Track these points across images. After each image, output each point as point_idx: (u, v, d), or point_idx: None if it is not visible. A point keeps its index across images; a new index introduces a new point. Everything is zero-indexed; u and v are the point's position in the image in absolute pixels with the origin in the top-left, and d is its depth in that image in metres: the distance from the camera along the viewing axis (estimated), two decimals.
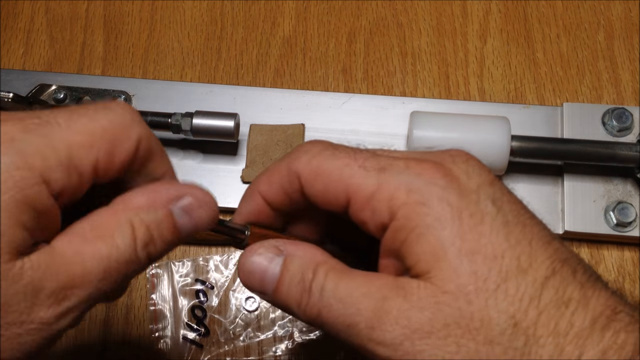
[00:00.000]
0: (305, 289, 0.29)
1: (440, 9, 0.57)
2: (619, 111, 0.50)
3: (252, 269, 0.30)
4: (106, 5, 0.58)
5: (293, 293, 0.29)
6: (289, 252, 0.30)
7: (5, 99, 0.46)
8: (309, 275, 0.29)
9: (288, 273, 0.30)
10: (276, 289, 0.30)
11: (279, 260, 0.30)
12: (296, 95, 0.53)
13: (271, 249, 0.30)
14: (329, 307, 0.28)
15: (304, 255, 0.30)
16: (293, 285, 0.29)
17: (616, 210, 0.48)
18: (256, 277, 0.30)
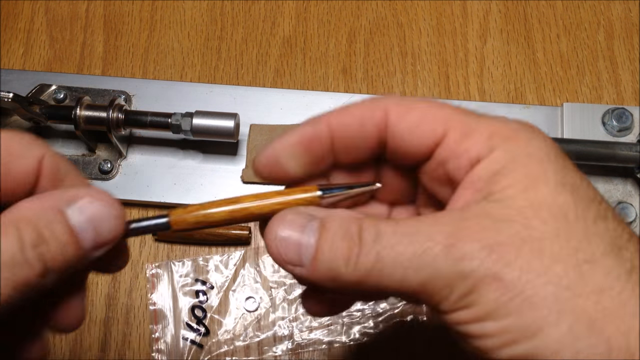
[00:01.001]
0: (354, 240, 0.26)
1: (440, 9, 0.57)
2: (619, 111, 0.50)
3: (285, 235, 0.27)
4: (106, 5, 0.58)
5: (338, 250, 0.26)
6: (322, 215, 0.28)
7: (5, 99, 0.46)
8: (354, 228, 0.26)
9: (328, 232, 0.27)
10: (316, 253, 0.27)
11: (314, 223, 0.27)
12: (296, 95, 0.53)
13: (302, 215, 0.28)
14: (389, 246, 0.25)
15: (342, 215, 0.27)
16: (337, 242, 0.26)
17: (616, 210, 0.48)
18: (291, 244, 0.27)
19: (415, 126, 0.28)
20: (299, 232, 0.27)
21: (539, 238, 0.25)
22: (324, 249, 0.27)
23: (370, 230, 0.26)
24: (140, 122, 0.49)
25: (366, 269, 0.26)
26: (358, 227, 0.26)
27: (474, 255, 0.24)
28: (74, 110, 0.48)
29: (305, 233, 0.27)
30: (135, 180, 0.51)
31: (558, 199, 0.25)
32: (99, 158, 0.52)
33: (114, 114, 0.49)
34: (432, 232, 0.25)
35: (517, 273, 0.24)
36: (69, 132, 0.52)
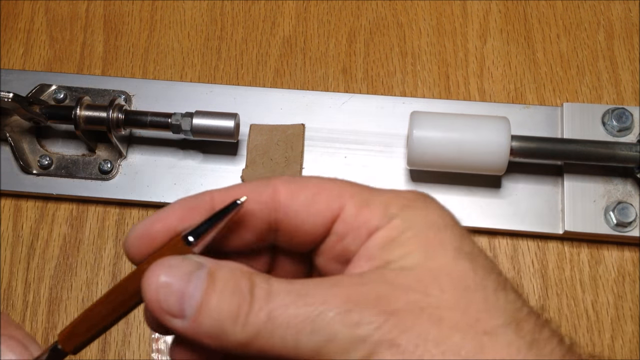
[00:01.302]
0: (244, 296, 0.24)
1: (440, 9, 0.57)
2: (619, 111, 0.50)
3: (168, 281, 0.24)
4: (106, 5, 0.58)
5: (227, 305, 0.24)
6: (211, 265, 0.25)
7: (5, 99, 0.46)
8: (245, 283, 0.24)
9: (217, 283, 0.24)
10: (201, 305, 0.24)
11: (201, 272, 0.24)
12: (296, 95, 0.53)
13: (189, 261, 0.25)
14: (283, 306, 0.24)
15: (231, 266, 0.25)
16: (226, 296, 0.24)
17: (616, 210, 0.48)
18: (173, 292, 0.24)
19: (310, 203, 0.27)
20: (184, 280, 0.24)
21: (438, 306, 0.24)
22: (210, 302, 0.24)
23: (263, 287, 0.24)
24: (140, 122, 0.49)
25: (256, 330, 0.24)
26: (250, 282, 0.24)
27: (371, 320, 0.23)
28: (74, 110, 0.48)
29: (191, 282, 0.24)
30: (135, 180, 0.51)
31: (457, 267, 0.25)
32: (99, 158, 0.52)
33: (114, 114, 0.49)
34: (327, 295, 0.24)
35: (415, 340, 0.23)
36: (69, 132, 0.52)
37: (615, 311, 0.48)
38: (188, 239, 0.26)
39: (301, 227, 0.27)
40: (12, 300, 0.50)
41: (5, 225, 0.52)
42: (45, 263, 0.51)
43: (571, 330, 0.48)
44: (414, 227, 0.26)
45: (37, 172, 0.51)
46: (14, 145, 0.51)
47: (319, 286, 0.24)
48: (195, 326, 0.24)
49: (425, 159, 0.47)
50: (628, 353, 0.47)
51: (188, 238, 0.26)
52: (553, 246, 0.50)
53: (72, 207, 0.52)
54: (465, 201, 0.50)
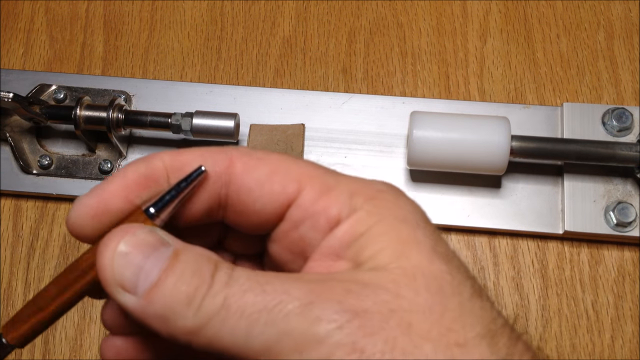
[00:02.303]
0: (205, 279, 0.22)
1: (440, 9, 0.57)
2: (619, 111, 0.50)
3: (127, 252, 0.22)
4: (106, 5, 0.58)
5: (183, 286, 0.22)
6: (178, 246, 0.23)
7: (5, 99, 0.46)
8: (208, 266, 0.22)
9: (179, 264, 0.22)
10: (157, 282, 0.22)
11: (166, 250, 0.23)
12: (296, 95, 0.53)
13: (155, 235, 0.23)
14: (240, 293, 0.22)
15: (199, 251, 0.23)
16: (185, 277, 0.22)
17: (616, 210, 0.48)
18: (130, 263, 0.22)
19: (264, 181, 0.24)
20: (144, 254, 0.22)
21: (409, 310, 0.22)
22: (167, 281, 0.22)
23: (225, 271, 0.22)
24: (140, 122, 0.49)
25: (208, 315, 0.21)
26: (213, 266, 0.23)
27: (333, 317, 0.21)
28: (74, 110, 0.48)
29: (153, 256, 0.22)
30: None
31: (433, 268, 0.23)
32: (99, 158, 0.52)
33: (114, 114, 0.49)
34: (290, 286, 0.22)
35: (381, 347, 0.21)
36: (69, 132, 0.52)
37: (615, 311, 0.48)
38: (150, 212, 0.24)
39: (251, 207, 0.25)
40: (12, 300, 0.50)
41: (5, 225, 0.52)
42: (45, 263, 0.51)
43: (571, 330, 0.48)
44: (384, 222, 0.24)
45: (37, 172, 0.51)
46: (14, 145, 0.51)
47: (282, 277, 0.22)
48: (145, 304, 0.22)
49: (425, 159, 0.47)
50: (628, 353, 0.47)
51: (150, 210, 0.24)
52: (553, 246, 0.50)
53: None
54: (465, 201, 0.50)
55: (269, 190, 0.24)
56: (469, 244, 0.50)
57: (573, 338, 0.48)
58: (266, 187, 0.24)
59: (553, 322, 0.48)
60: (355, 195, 0.24)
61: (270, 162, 0.25)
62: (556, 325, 0.48)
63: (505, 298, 0.49)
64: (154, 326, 0.22)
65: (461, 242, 0.50)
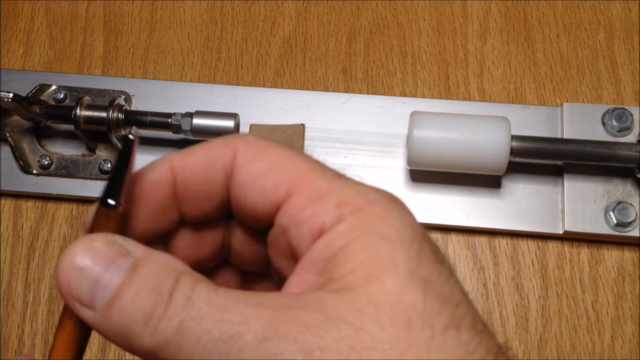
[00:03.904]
0: (163, 297, 0.21)
1: (440, 9, 0.57)
2: (619, 111, 0.50)
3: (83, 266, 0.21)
4: (106, 5, 0.58)
5: (140, 304, 0.21)
6: (139, 255, 0.22)
7: (5, 99, 0.46)
8: (168, 282, 0.21)
9: (138, 277, 0.21)
10: (113, 299, 0.21)
11: (124, 262, 0.22)
12: (296, 95, 0.53)
13: (114, 246, 0.22)
14: (197, 318, 0.20)
15: (162, 260, 0.22)
16: (143, 294, 0.21)
17: (616, 210, 0.48)
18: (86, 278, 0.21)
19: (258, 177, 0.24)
20: (102, 267, 0.21)
21: (371, 347, 0.20)
22: (125, 297, 0.21)
23: (185, 290, 0.21)
24: (140, 122, 0.49)
25: (164, 338, 0.21)
26: (174, 281, 0.21)
27: (288, 357, 0.20)
28: (74, 110, 0.48)
29: (109, 270, 0.21)
30: None
31: (405, 297, 0.21)
32: (99, 158, 0.52)
33: (114, 114, 0.49)
34: (249, 314, 0.20)
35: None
36: (69, 132, 0.52)
37: (615, 311, 0.48)
38: (109, 203, 0.24)
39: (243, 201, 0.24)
40: (12, 300, 0.50)
41: (5, 225, 0.52)
42: (45, 263, 0.51)
43: (571, 330, 0.48)
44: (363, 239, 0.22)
45: (37, 172, 0.51)
46: (14, 145, 0.51)
47: (244, 301, 0.21)
48: (103, 320, 0.21)
49: (425, 159, 0.47)
50: (628, 353, 0.47)
51: (109, 202, 0.23)
52: (553, 246, 0.50)
53: (72, 207, 0.52)
54: (465, 201, 0.50)
55: (260, 187, 0.24)
56: (469, 244, 0.50)
57: (573, 338, 0.48)
58: (258, 184, 0.24)
59: (553, 322, 0.48)
60: (343, 205, 0.23)
61: (269, 158, 0.24)
62: (556, 325, 0.48)
63: (505, 298, 0.49)
64: (114, 342, 0.22)
65: (461, 242, 0.50)
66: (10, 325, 0.49)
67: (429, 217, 0.50)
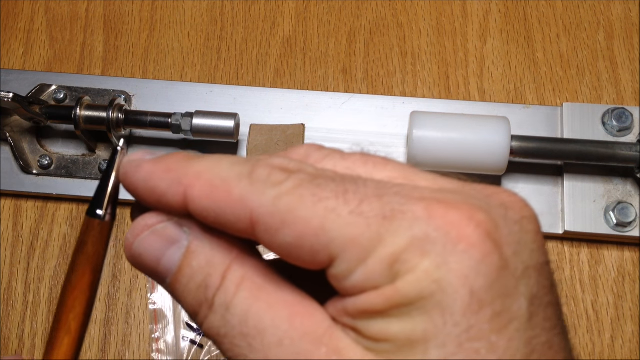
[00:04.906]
0: (207, 299, 0.22)
1: (440, 9, 0.57)
2: (619, 111, 0.50)
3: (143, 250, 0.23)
4: (106, 5, 0.58)
5: (191, 299, 0.22)
6: (195, 235, 0.22)
7: (5, 99, 0.46)
8: (214, 281, 0.22)
9: (189, 269, 0.22)
10: (174, 280, 0.23)
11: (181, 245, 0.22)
12: (296, 95, 0.53)
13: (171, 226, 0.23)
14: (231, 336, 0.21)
15: (215, 246, 0.22)
16: (192, 288, 0.22)
17: (616, 210, 0.48)
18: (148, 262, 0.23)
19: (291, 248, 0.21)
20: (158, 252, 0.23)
21: None
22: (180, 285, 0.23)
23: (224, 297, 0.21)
24: (140, 122, 0.49)
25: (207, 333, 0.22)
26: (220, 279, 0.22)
27: None
28: (74, 110, 0.48)
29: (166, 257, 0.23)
30: None
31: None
32: (99, 158, 0.52)
33: (114, 114, 0.49)
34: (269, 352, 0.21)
35: None
36: (69, 132, 0.52)
37: (615, 311, 0.48)
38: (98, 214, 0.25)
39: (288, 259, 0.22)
40: (12, 300, 0.50)
41: (5, 225, 0.52)
42: (45, 263, 0.51)
43: (571, 330, 0.48)
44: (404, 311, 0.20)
45: (37, 172, 0.51)
46: (14, 145, 0.51)
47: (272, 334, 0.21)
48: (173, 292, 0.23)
49: (425, 159, 0.47)
50: (628, 353, 0.47)
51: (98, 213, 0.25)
52: (553, 246, 0.50)
53: (72, 207, 0.52)
54: None
55: (296, 256, 0.21)
56: None
57: (573, 338, 0.48)
58: (294, 252, 0.21)
59: None
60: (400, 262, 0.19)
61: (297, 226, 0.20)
62: None
63: None
64: None
65: None
66: (10, 325, 0.49)
67: None
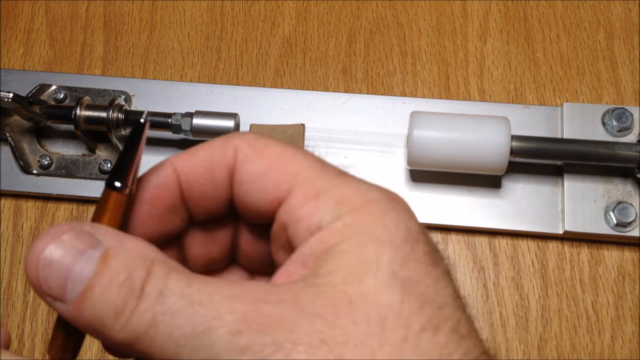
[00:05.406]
0: (134, 290, 0.21)
1: (440, 9, 0.57)
2: (619, 111, 0.50)
3: (53, 259, 0.21)
4: (106, 5, 0.58)
5: (111, 298, 0.21)
6: (110, 244, 0.22)
7: (5, 99, 0.46)
8: (140, 274, 0.21)
9: (108, 271, 0.21)
10: (84, 292, 0.21)
11: (94, 253, 0.21)
12: (296, 95, 0.53)
13: (83, 237, 0.22)
14: (170, 313, 0.20)
15: (134, 249, 0.22)
16: (113, 287, 0.21)
17: (616, 210, 0.48)
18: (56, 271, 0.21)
19: (259, 175, 0.24)
20: (71, 259, 0.21)
21: (342, 342, 0.20)
22: (95, 290, 0.21)
23: (157, 283, 0.21)
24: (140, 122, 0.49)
25: (136, 332, 0.21)
26: (145, 272, 0.21)
27: (258, 349, 0.20)
28: (74, 110, 0.48)
29: (79, 263, 0.21)
30: None
31: (382, 297, 0.21)
32: (99, 158, 0.52)
33: (114, 114, 0.49)
34: (223, 308, 0.20)
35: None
36: (69, 132, 0.52)
37: (615, 311, 0.48)
38: (116, 186, 0.23)
39: (246, 199, 0.25)
40: (12, 300, 0.50)
41: (5, 225, 0.52)
42: None
43: (571, 330, 0.48)
44: (354, 239, 0.22)
45: (37, 172, 0.51)
46: (14, 145, 0.51)
47: (218, 294, 0.21)
48: (75, 313, 0.21)
49: (425, 159, 0.47)
50: (628, 353, 0.47)
51: (116, 185, 0.23)
52: (553, 246, 0.50)
53: (72, 207, 0.52)
54: (465, 201, 0.50)
55: (261, 185, 0.24)
56: (469, 244, 0.50)
57: (573, 338, 0.48)
58: (259, 182, 0.24)
59: (553, 322, 0.48)
60: (342, 204, 0.23)
61: (269, 156, 0.24)
62: (556, 325, 0.48)
63: (505, 298, 0.49)
64: (89, 333, 0.22)
65: (461, 242, 0.50)
66: (10, 325, 0.49)
67: (429, 217, 0.50)
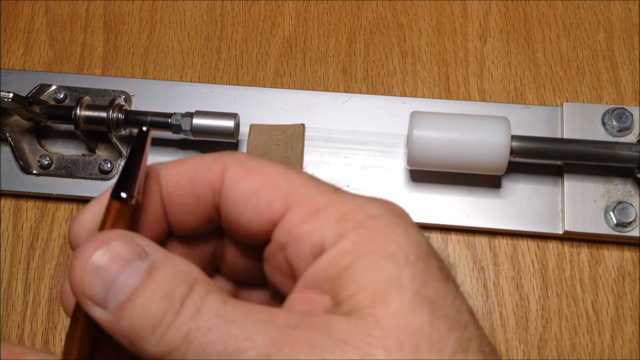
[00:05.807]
0: (174, 305, 0.21)
1: (440, 9, 0.57)
2: (619, 111, 0.50)
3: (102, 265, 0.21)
4: (106, 5, 0.58)
5: (151, 310, 0.21)
6: (156, 257, 0.22)
7: (5, 99, 0.46)
8: (182, 290, 0.21)
9: (152, 283, 0.21)
10: (126, 301, 0.21)
11: (141, 264, 0.22)
12: (296, 95, 0.53)
13: (131, 247, 0.22)
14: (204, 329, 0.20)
15: (179, 265, 0.22)
16: (155, 300, 0.21)
17: (616, 210, 0.48)
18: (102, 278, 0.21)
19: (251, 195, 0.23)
20: (118, 267, 0.21)
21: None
22: (137, 301, 0.21)
23: (196, 300, 0.21)
24: (140, 122, 0.49)
25: (170, 346, 0.21)
26: (187, 289, 0.21)
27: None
28: (74, 110, 0.48)
29: (126, 272, 0.21)
30: None
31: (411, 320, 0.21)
32: (99, 158, 0.52)
33: (114, 114, 0.49)
34: (255, 330, 0.20)
35: None
36: (69, 132, 0.52)
37: (615, 311, 0.48)
38: (122, 197, 0.23)
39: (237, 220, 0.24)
40: (12, 300, 0.50)
41: (5, 225, 0.52)
42: (45, 263, 0.51)
43: (571, 330, 0.48)
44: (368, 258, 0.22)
45: (37, 172, 0.51)
46: (14, 145, 0.51)
47: (252, 316, 0.21)
48: (113, 322, 0.21)
49: (425, 159, 0.47)
50: (628, 353, 0.47)
51: (122, 196, 0.23)
52: (553, 246, 0.50)
53: (72, 207, 0.52)
54: (465, 201, 0.50)
55: (254, 205, 0.23)
56: (469, 244, 0.50)
57: (573, 338, 0.48)
58: (252, 201, 0.23)
59: (553, 322, 0.48)
60: (344, 220, 0.22)
61: (261, 175, 0.23)
62: (556, 325, 0.48)
63: (505, 298, 0.49)
64: (121, 342, 0.22)
65: (461, 242, 0.50)
66: (10, 325, 0.49)
67: (429, 217, 0.50)
